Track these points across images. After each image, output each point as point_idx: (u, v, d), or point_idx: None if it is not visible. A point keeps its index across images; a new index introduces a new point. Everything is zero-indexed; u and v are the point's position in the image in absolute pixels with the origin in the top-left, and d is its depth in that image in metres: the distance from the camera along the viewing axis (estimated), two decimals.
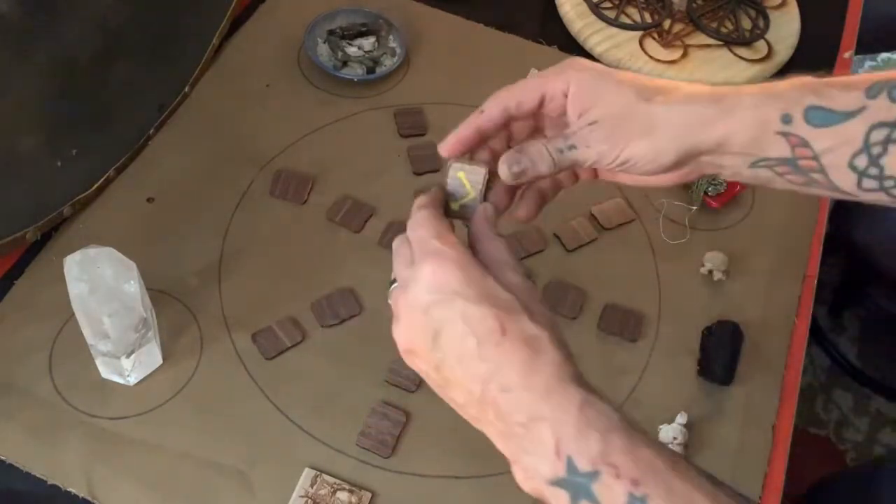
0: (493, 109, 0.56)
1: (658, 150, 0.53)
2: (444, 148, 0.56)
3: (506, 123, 0.57)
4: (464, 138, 0.55)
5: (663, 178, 0.56)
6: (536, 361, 0.46)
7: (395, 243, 0.52)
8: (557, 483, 0.44)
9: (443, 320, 0.47)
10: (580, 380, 0.47)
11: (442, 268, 0.48)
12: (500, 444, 0.49)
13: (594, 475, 0.43)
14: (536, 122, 0.58)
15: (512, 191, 0.58)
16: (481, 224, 0.52)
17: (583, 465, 0.43)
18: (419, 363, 0.50)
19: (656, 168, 0.54)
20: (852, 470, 1.45)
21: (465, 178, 0.54)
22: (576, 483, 0.43)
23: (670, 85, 0.55)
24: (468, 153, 0.56)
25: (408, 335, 0.49)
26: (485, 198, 0.55)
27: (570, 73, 0.55)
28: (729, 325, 0.79)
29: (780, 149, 0.53)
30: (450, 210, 0.55)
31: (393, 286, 0.53)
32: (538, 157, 0.54)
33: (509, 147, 0.56)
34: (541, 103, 0.56)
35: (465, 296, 0.47)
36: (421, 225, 0.50)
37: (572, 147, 0.54)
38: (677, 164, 0.54)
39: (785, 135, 0.52)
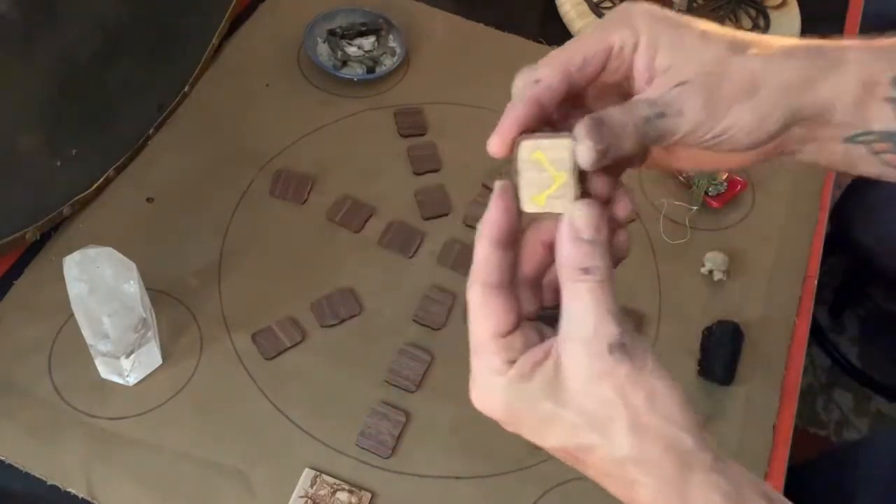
0: (552, 75, 0.43)
1: (763, 114, 0.42)
2: (496, 142, 0.42)
3: (567, 89, 0.43)
4: (521, 120, 0.42)
5: (738, 158, 0.46)
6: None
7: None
8: None
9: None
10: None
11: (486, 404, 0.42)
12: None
13: None
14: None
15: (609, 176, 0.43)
16: (578, 251, 0.40)
17: None
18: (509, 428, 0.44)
19: (755, 139, 0.43)
20: (834, 451, 1.45)
21: (544, 159, 0.40)
22: None
23: (760, 37, 0.43)
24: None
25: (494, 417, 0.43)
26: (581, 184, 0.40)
27: (637, 20, 0.42)
28: (729, 324, 0.79)
29: (886, 119, 0.43)
30: (528, 208, 0.42)
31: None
32: (621, 129, 0.40)
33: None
34: (605, 61, 0.43)
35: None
36: (476, 321, 0.42)
37: (661, 115, 0.41)
38: (776, 134, 0.43)
39: (894, 102, 0.42)
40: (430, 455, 0.72)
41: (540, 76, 0.43)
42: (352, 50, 0.97)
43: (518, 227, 0.43)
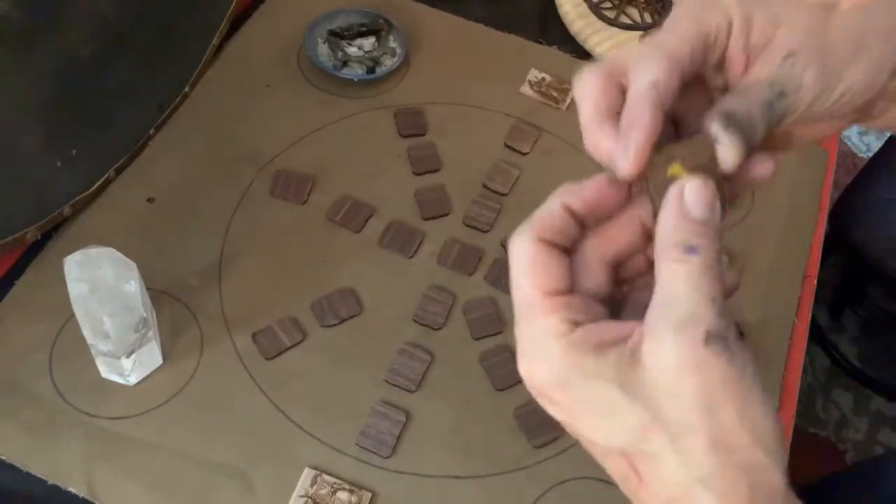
0: (669, 77, 0.37)
1: (875, 69, 0.39)
2: (631, 165, 0.37)
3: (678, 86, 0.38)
4: (652, 132, 0.36)
5: (835, 125, 0.43)
6: None
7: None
8: None
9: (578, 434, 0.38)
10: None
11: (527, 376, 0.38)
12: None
13: None
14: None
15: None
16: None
17: None
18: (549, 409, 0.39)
19: (869, 97, 0.40)
20: (855, 467, 1.45)
21: (681, 170, 0.36)
22: None
23: None
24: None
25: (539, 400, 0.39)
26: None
27: (725, 1, 0.39)
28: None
29: None
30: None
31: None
32: (749, 118, 0.37)
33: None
34: (703, 50, 0.39)
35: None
36: (523, 277, 0.37)
37: (782, 95, 0.37)
38: (884, 86, 0.40)
39: None
40: (430, 455, 0.72)
41: (655, 76, 0.37)
42: (352, 50, 0.97)
43: (601, 207, 0.38)
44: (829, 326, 1.68)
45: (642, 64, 0.37)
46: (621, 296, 0.38)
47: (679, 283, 0.34)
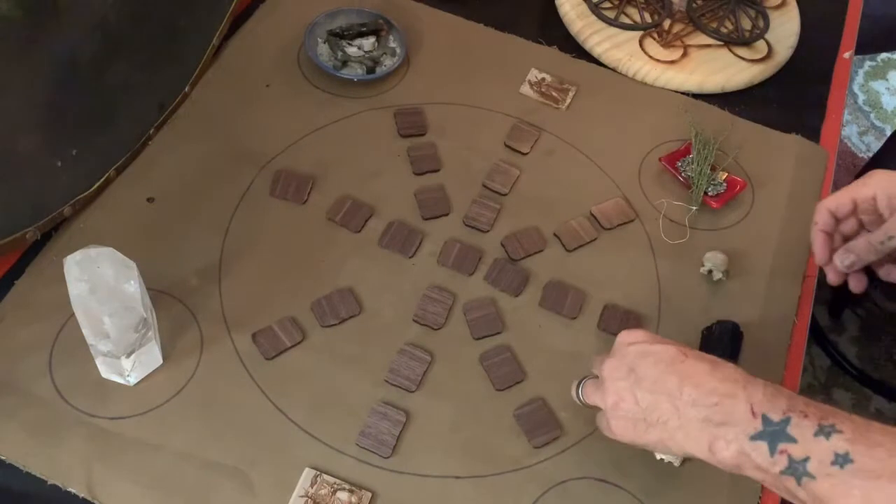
0: (822, 216, 0.75)
1: None
2: (833, 275, 0.77)
3: (837, 222, 0.75)
4: (824, 247, 0.76)
5: None
6: (719, 366, 0.59)
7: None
8: (756, 437, 0.55)
9: (635, 359, 0.61)
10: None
11: (630, 332, 0.64)
12: (697, 438, 0.58)
13: (786, 421, 0.55)
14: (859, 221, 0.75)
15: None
16: None
17: (775, 416, 0.55)
18: (623, 405, 0.61)
19: None
20: None
21: None
22: (772, 432, 0.55)
23: None
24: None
25: (612, 384, 0.62)
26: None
27: (874, 180, 0.72)
28: (728, 324, 0.79)
29: None
30: None
31: (582, 382, 0.67)
32: (864, 250, 0.73)
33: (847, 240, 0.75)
34: (854, 207, 0.73)
35: (649, 341, 0.62)
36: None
37: (891, 238, 0.71)
38: None
39: None
40: (429, 455, 0.72)
41: (817, 220, 0.76)
42: (352, 50, 0.97)
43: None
44: (829, 326, 1.68)
45: (817, 210, 0.76)
46: None
47: None
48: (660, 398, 0.59)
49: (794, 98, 1.03)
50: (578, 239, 0.86)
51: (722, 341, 0.78)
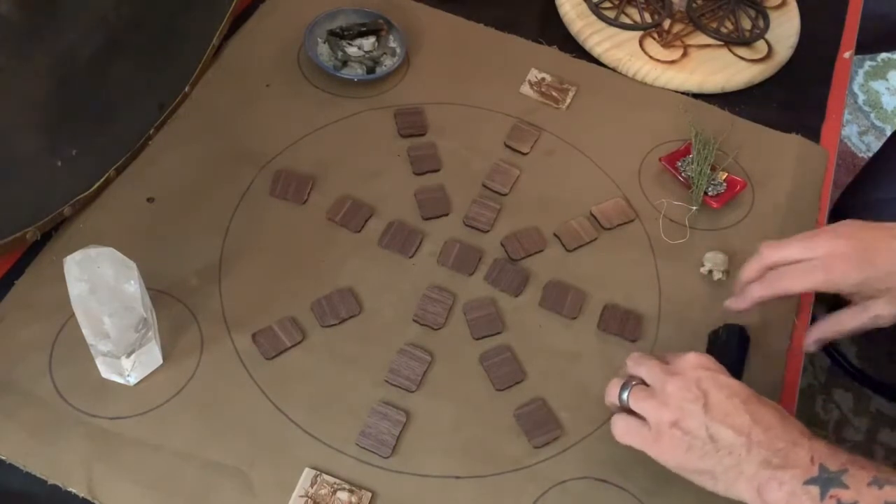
0: (816, 288, 0.77)
1: None
2: (746, 302, 0.77)
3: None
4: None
5: None
6: (788, 418, 0.62)
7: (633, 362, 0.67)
8: (810, 481, 0.58)
9: (709, 386, 0.62)
10: None
11: (701, 357, 0.65)
12: (750, 477, 0.60)
13: (843, 471, 0.58)
14: None
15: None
16: None
17: (833, 466, 0.58)
18: (685, 425, 0.62)
19: None
20: None
21: None
22: (826, 479, 0.57)
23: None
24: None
25: (677, 402, 0.62)
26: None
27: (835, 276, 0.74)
28: (736, 327, 0.79)
29: None
30: None
31: (628, 389, 0.66)
32: (849, 320, 0.76)
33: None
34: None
35: (721, 372, 0.64)
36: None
37: (875, 318, 0.74)
38: None
39: None
40: (430, 455, 0.72)
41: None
42: (352, 50, 0.97)
43: None
44: None
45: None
46: None
47: None
48: (728, 432, 0.61)
49: (794, 98, 1.03)
50: (578, 239, 0.86)
51: (729, 345, 0.78)
